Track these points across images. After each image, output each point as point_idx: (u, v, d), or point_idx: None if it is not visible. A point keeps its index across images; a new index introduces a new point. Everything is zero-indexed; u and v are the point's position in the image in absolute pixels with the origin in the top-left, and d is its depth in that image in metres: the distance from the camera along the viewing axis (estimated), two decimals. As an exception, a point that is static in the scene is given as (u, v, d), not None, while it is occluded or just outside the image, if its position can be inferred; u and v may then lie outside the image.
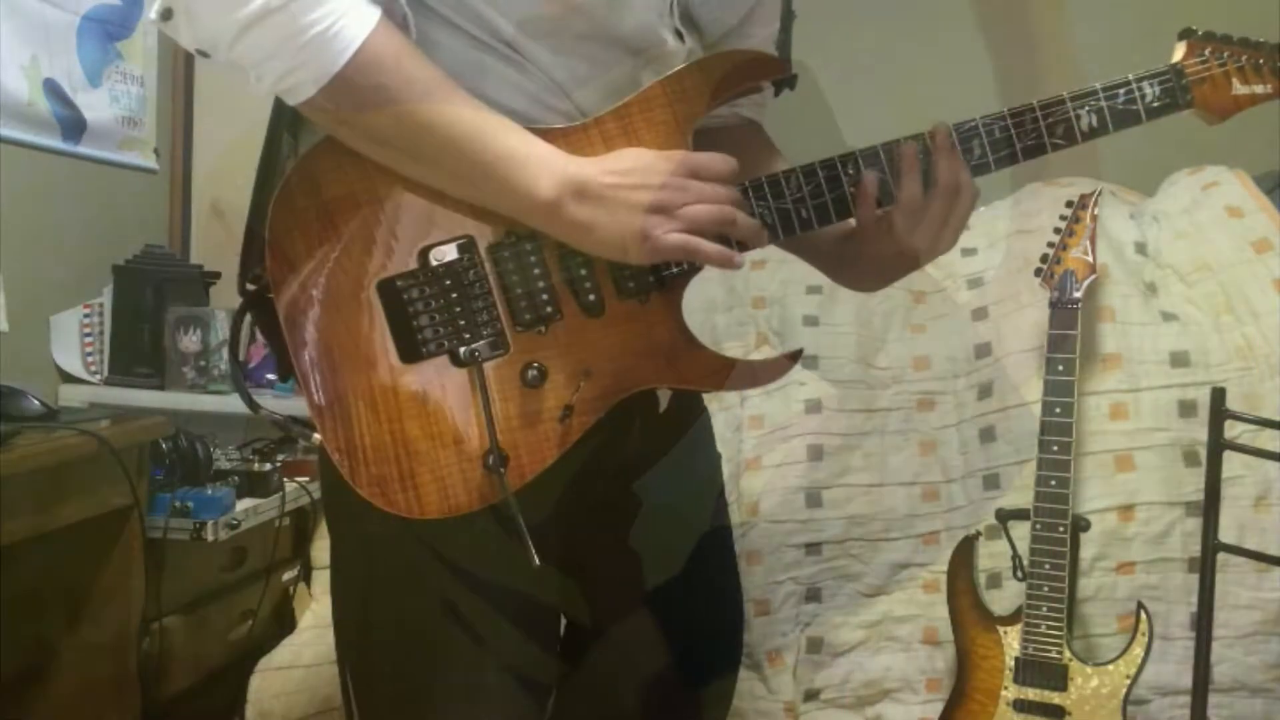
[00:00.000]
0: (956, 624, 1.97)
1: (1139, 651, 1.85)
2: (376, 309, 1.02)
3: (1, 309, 2.19)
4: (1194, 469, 2.04)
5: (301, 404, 1.05)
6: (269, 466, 2.34)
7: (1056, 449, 1.92)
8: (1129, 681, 1.84)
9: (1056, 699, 1.86)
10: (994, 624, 1.93)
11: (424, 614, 1.14)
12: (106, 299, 2.52)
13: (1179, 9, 1.20)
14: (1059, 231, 2.04)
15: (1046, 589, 1.88)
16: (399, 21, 1.03)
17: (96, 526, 1.93)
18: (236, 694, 2.18)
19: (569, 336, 1.06)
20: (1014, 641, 1.90)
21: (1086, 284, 1.99)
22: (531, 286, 1.05)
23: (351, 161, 1.03)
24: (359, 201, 1.02)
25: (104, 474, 1.90)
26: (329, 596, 1.26)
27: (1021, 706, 1.88)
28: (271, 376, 2.34)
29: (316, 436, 1.03)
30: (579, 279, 1.06)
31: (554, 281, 1.05)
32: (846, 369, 2.29)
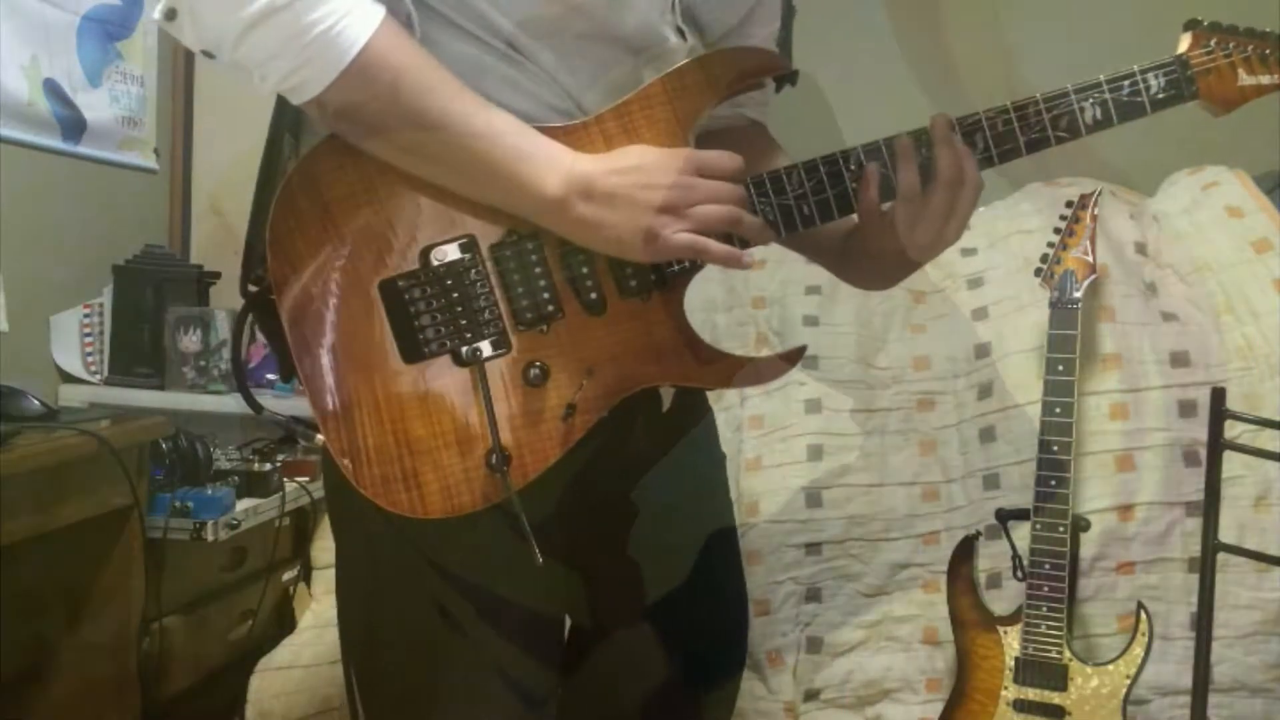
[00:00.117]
0: (956, 624, 1.97)
1: (1139, 651, 1.85)
2: (378, 309, 1.02)
3: (1, 309, 2.19)
4: (1194, 469, 2.04)
5: (303, 404, 1.05)
6: (269, 466, 2.34)
7: (1056, 449, 1.92)
8: (1129, 681, 1.84)
9: (1056, 699, 1.86)
10: (994, 624, 1.93)
11: (428, 614, 1.14)
12: (106, 299, 2.52)
13: (1180, 7, 1.19)
14: (1059, 231, 2.04)
15: (1046, 589, 1.88)
16: (403, 20, 1.03)
17: (96, 526, 1.92)
18: (236, 694, 2.18)
19: (571, 335, 1.06)
20: (1014, 641, 1.90)
21: (1086, 284, 1.99)
22: (533, 285, 1.05)
23: (352, 162, 1.02)
24: (360, 202, 1.02)
25: (104, 474, 1.89)
26: (329, 596, 1.26)
27: (1021, 706, 1.88)
28: (272, 376, 2.34)
29: (319, 437, 1.03)
30: (581, 278, 1.06)
31: (556, 280, 1.05)
32: (846, 369, 2.29)
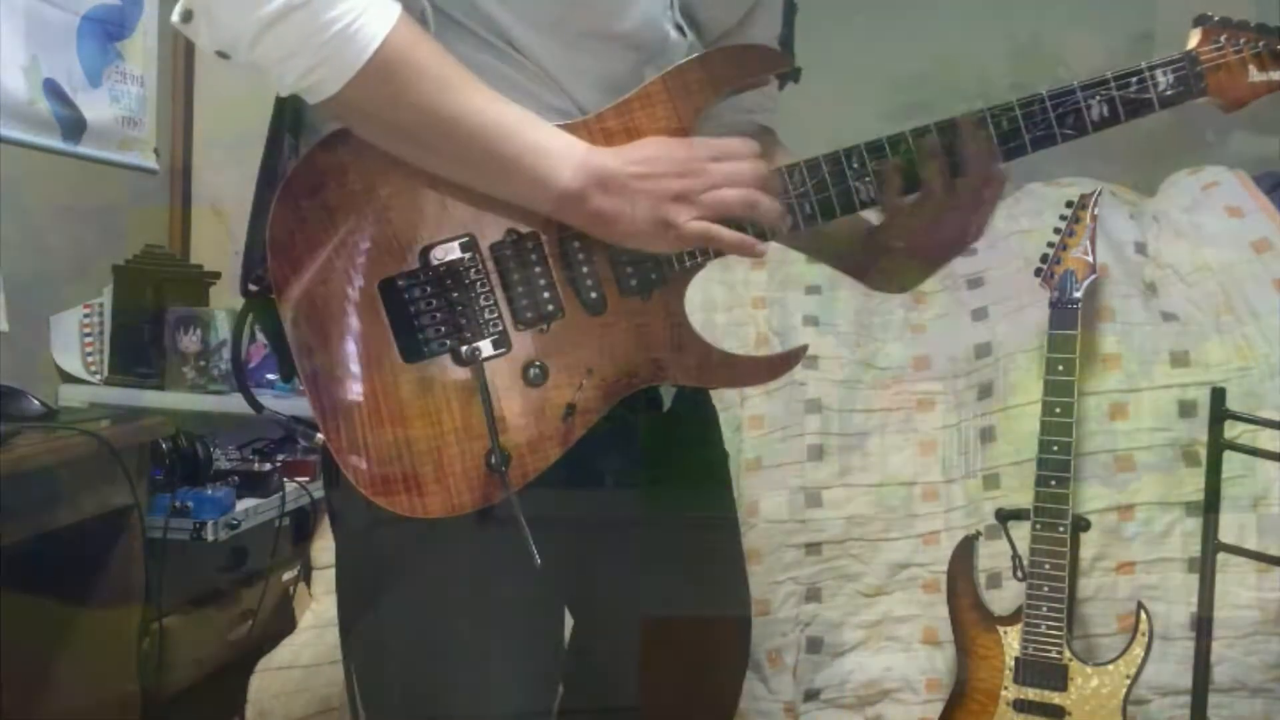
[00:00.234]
0: (956, 624, 1.97)
1: (1139, 651, 1.85)
2: (378, 308, 1.02)
3: (2, 309, 2.19)
4: (1194, 469, 2.04)
5: (303, 404, 1.05)
6: (269, 466, 2.34)
7: (1056, 449, 1.92)
8: (1129, 681, 1.84)
9: (1056, 699, 1.86)
10: (994, 624, 1.93)
11: (428, 613, 1.14)
12: (106, 299, 2.51)
13: (1182, 5, 1.18)
14: (1059, 231, 2.04)
15: (1046, 589, 1.88)
16: (418, 17, 1.03)
17: (96, 526, 1.92)
18: (236, 694, 2.18)
19: (571, 334, 1.05)
20: (1014, 641, 1.90)
21: (1086, 284, 1.99)
22: (533, 285, 1.04)
23: (353, 161, 1.02)
24: (360, 201, 1.02)
25: (104, 474, 1.89)
26: (329, 596, 1.26)
27: (1021, 706, 1.88)
28: (272, 376, 2.34)
29: (319, 436, 1.03)
30: (581, 276, 1.05)
31: (556, 279, 1.05)
32: (846, 369, 2.29)
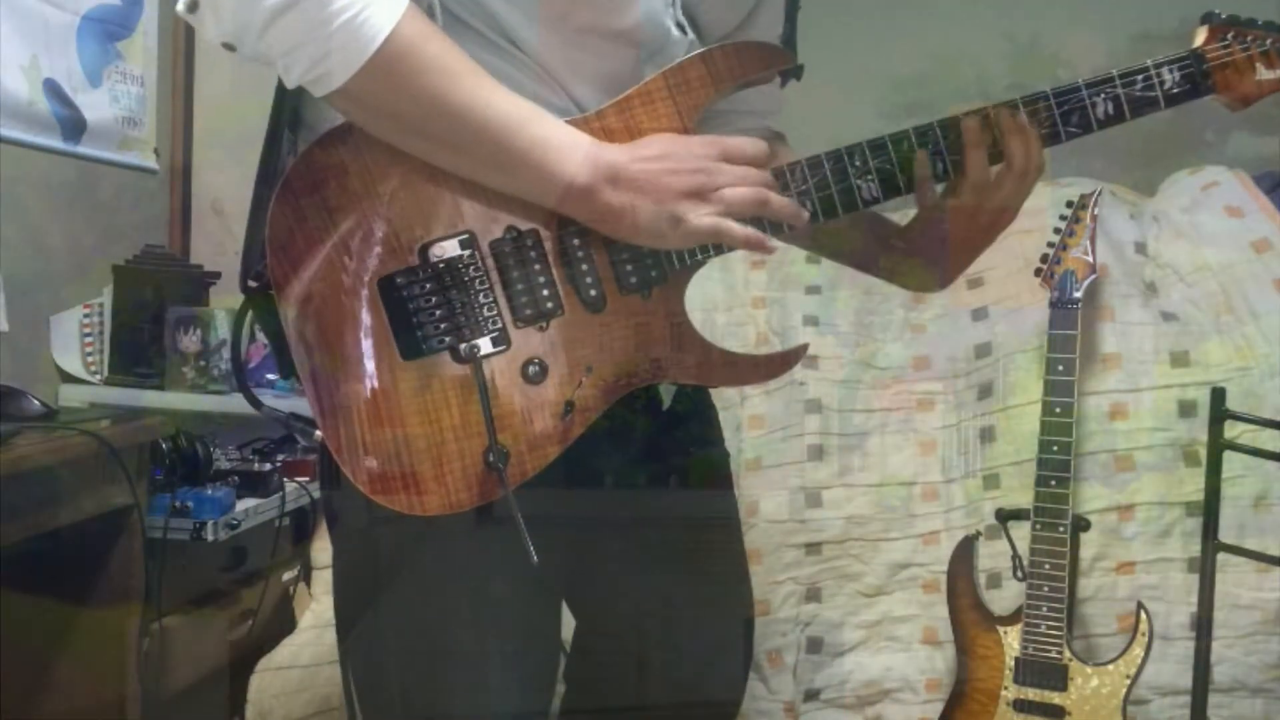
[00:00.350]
0: (956, 624, 1.97)
1: (1139, 651, 1.85)
2: (377, 305, 1.02)
3: (2, 309, 2.18)
4: (1194, 469, 2.04)
5: (303, 403, 1.05)
6: (269, 466, 2.34)
7: (1056, 449, 1.92)
8: (1129, 681, 1.84)
9: (1056, 699, 1.86)
10: (994, 624, 1.93)
11: (426, 612, 1.14)
12: (106, 299, 2.51)
13: (1184, 5, 1.18)
14: (1059, 231, 2.04)
15: (1046, 589, 1.88)
16: (425, 11, 1.03)
17: (96, 526, 1.92)
18: (236, 694, 2.18)
19: (570, 332, 1.05)
20: (1014, 641, 1.90)
21: (1086, 284, 1.99)
22: (532, 282, 1.04)
23: (352, 158, 1.02)
24: (359, 198, 1.02)
25: (104, 474, 1.89)
26: (329, 596, 1.26)
27: (1021, 706, 1.88)
28: (272, 376, 2.34)
29: (318, 434, 1.03)
30: (580, 274, 1.05)
31: (555, 277, 1.05)
32: (846, 369, 2.29)
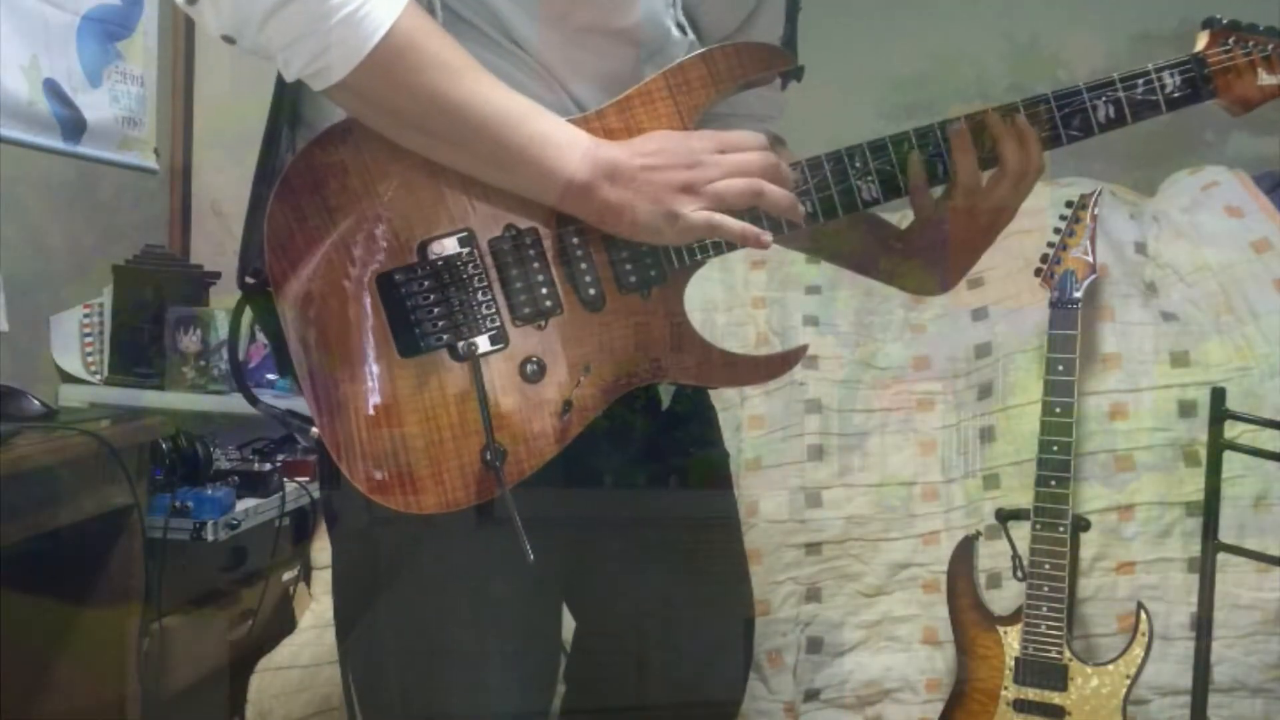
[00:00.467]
0: (956, 624, 1.97)
1: (1139, 651, 1.84)
2: (376, 303, 1.01)
3: (2, 309, 2.18)
4: (1194, 469, 2.04)
5: (302, 402, 1.04)
6: (269, 466, 2.33)
7: (1056, 449, 1.92)
8: (1129, 681, 1.83)
9: (1056, 699, 1.86)
10: (994, 624, 1.93)
11: (424, 611, 1.14)
12: (106, 299, 2.51)
13: (1184, 6, 1.18)
14: (1059, 231, 2.04)
15: (1046, 589, 1.88)
16: (425, 5, 1.03)
17: (96, 526, 1.92)
18: (236, 694, 2.18)
19: (569, 331, 1.05)
20: (1014, 641, 1.90)
21: (1086, 284, 1.99)
22: (531, 280, 1.04)
23: (350, 156, 1.02)
24: (358, 195, 1.02)
25: (104, 474, 1.89)
26: (329, 596, 1.26)
27: (1021, 706, 1.88)
28: (272, 376, 2.34)
29: (314, 431, 1.02)
30: (579, 273, 1.05)
31: (554, 275, 1.04)
32: (846, 369, 2.29)
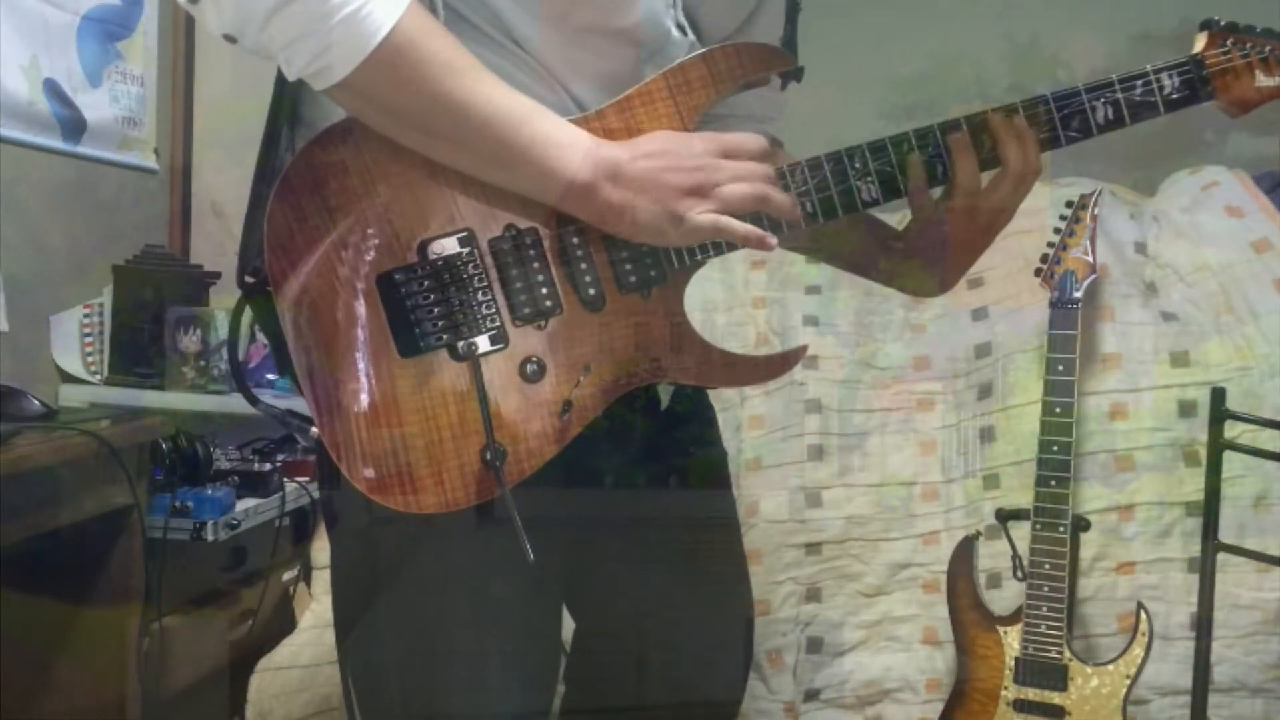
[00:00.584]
0: (956, 624, 1.97)
1: (1139, 651, 1.84)
2: (375, 303, 1.01)
3: (2, 309, 2.19)
4: (1194, 469, 2.04)
5: (301, 402, 1.04)
6: (269, 466, 2.34)
7: (1056, 449, 1.92)
8: (1129, 681, 1.83)
9: (1056, 699, 1.86)
10: (994, 624, 1.93)
11: (424, 611, 1.14)
12: (106, 299, 2.51)
13: (1184, 6, 1.18)
14: (1059, 231, 2.04)
15: (1046, 589, 1.88)
16: (427, 4, 1.02)
17: (96, 526, 1.92)
18: (236, 694, 2.18)
19: (569, 331, 1.05)
20: (1014, 641, 1.90)
21: (1086, 284, 1.99)
22: (531, 280, 1.04)
23: (351, 156, 1.02)
24: (358, 195, 1.02)
25: (104, 474, 1.89)
26: (329, 596, 1.26)
27: (1021, 706, 1.88)
28: (272, 376, 2.34)
29: (314, 431, 1.02)
30: (579, 273, 1.05)
31: (554, 275, 1.04)
32: (846, 369, 2.29)
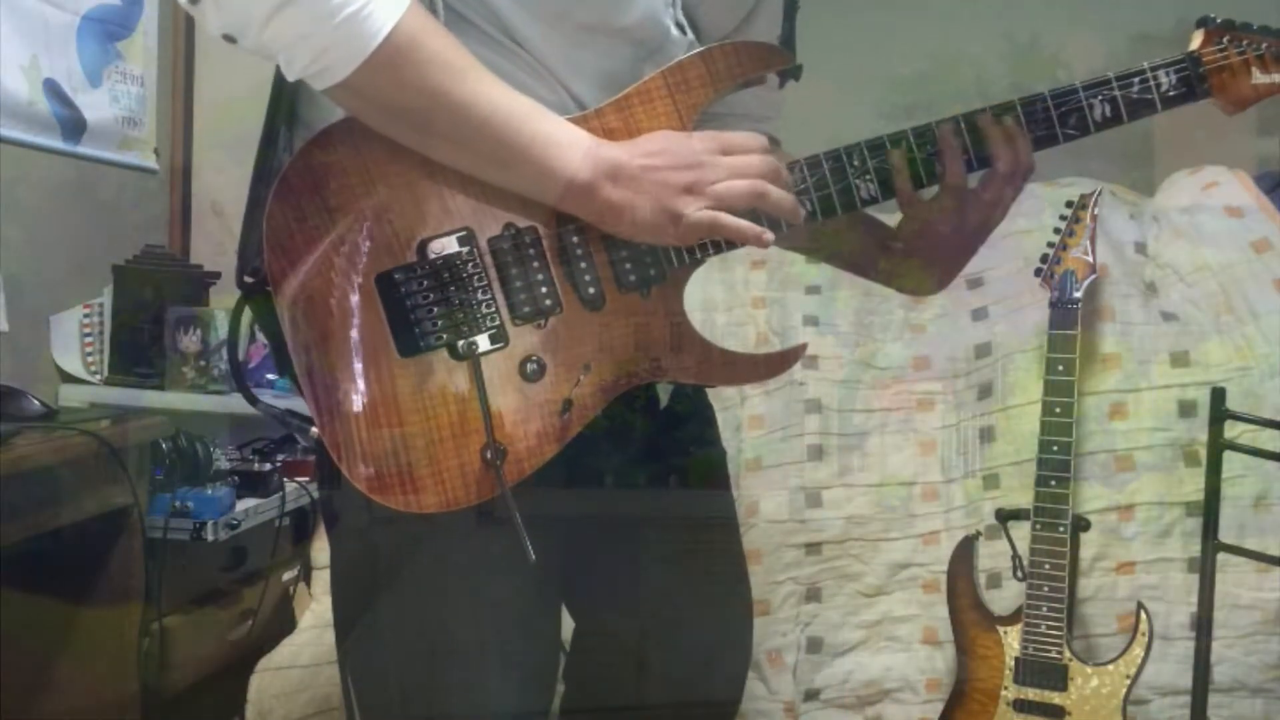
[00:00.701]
0: (956, 624, 1.97)
1: (1139, 651, 1.84)
2: (375, 303, 1.01)
3: (2, 309, 2.19)
4: (1194, 469, 2.04)
5: (302, 402, 1.04)
6: (269, 466, 2.34)
7: (1056, 449, 1.92)
8: (1129, 681, 1.83)
9: (1056, 699, 1.86)
10: (994, 624, 1.93)
11: (423, 611, 1.14)
12: (106, 299, 2.51)
13: (1183, 6, 1.18)
14: (1059, 231, 2.04)
15: (1046, 589, 1.88)
16: (427, 4, 1.03)
17: (96, 526, 1.92)
18: (236, 694, 2.18)
19: (568, 330, 1.05)
20: (1014, 641, 1.90)
21: (1086, 284, 1.99)
22: (531, 279, 1.04)
23: (350, 156, 1.02)
24: (357, 194, 1.02)
25: (104, 474, 1.89)
26: (329, 596, 1.26)
27: (1021, 706, 1.88)
28: (272, 376, 2.33)
29: (314, 431, 1.02)
30: (579, 272, 1.05)
31: (554, 274, 1.04)
32: (846, 369, 2.29)
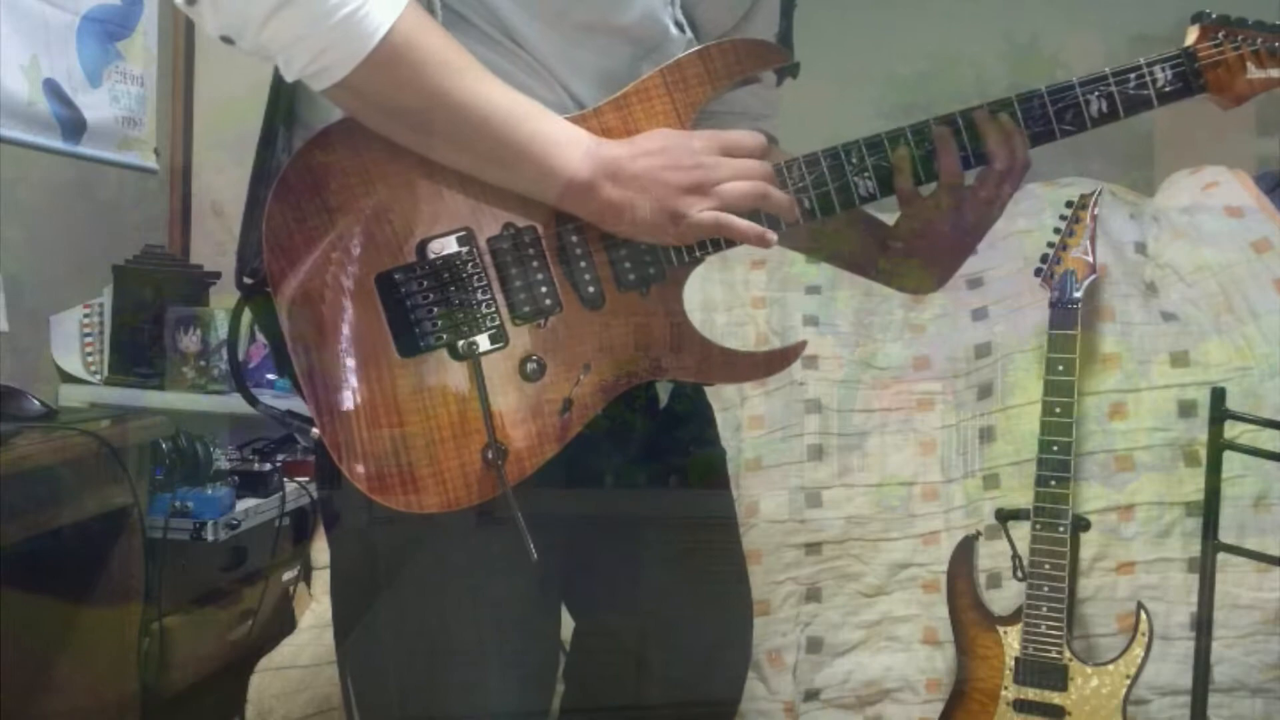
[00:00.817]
0: (956, 624, 1.97)
1: (1139, 651, 1.84)
2: (374, 303, 1.01)
3: (2, 309, 2.19)
4: (1194, 469, 2.04)
5: (301, 402, 1.04)
6: (269, 466, 2.34)
7: (1056, 449, 1.92)
8: (1129, 681, 1.83)
9: (1056, 699, 1.86)
10: (994, 624, 1.93)
11: (423, 611, 1.14)
12: (106, 299, 2.51)
13: (1182, 6, 1.18)
14: (1059, 231, 2.04)
15: (1046, 589, 1.88)
16: (425, 4, 1.03)
17: (96, 526, 1.92)
18: (236, 694, 2.18)
19: (568, 329, 1.05)
20: (1014, 641, 1.90)
21: (1086, 284, 1.99)
22: (530, 279, 1.04)
23: (349, 155, 1.02)
24: (356, 195, 1.02)
25: (104, 474, 1.89)
26: (329, 596, 1.26)
27: (1021, 706, 1.88)
28: (272, 376, 2.34)
29: (315, 431, 1.02)
30: (579, 271, 1.05)
31: (553, 274, 1.04)
32: (846, 369, 2.29)
